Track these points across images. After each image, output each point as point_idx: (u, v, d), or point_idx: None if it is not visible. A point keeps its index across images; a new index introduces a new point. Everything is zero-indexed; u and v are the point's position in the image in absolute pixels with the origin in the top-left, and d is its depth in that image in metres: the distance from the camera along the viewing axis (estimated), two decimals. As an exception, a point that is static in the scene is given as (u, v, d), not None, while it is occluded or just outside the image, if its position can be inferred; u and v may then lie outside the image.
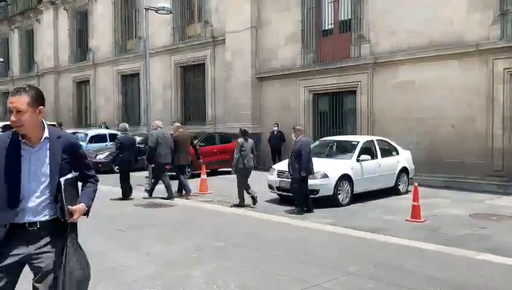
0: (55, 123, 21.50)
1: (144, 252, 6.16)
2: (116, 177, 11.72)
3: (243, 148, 10.06)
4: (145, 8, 13.71)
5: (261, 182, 11.06)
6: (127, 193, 10.93)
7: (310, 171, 9.39)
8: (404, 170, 11.97)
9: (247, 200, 10.11)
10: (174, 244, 6.59)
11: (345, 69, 15.48)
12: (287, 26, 17.25)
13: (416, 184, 8.84)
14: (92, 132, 20.26)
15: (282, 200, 10.62)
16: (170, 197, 10.80)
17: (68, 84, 29.11)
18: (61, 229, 2.72)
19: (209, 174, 13.01)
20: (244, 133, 10.29)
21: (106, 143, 18.92)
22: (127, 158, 10.90)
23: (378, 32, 14.72)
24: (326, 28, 16.75)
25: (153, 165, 11.48)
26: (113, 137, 19.49)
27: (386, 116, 14.54)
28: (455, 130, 13.03)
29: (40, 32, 31.22)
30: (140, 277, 5.15)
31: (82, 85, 28.64)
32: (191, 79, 21.90)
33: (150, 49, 14.87)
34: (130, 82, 25.32)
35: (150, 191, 11.33)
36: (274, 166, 11.34)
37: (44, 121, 2.76)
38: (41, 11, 30.68)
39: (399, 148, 12.26)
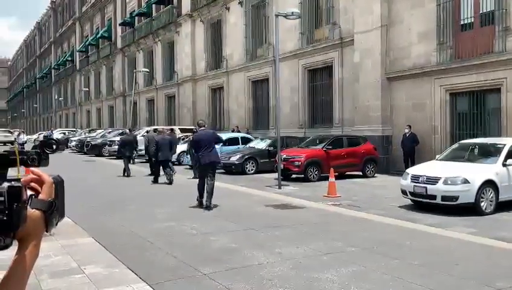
0: (193, 128, 23.33)
1: (276, 252, 6.32)
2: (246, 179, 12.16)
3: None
4: (276, 15, 14.12)
5: (394, 186, 10.61)
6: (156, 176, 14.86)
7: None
8: (562, 177, 10.53)
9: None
10: (305, 246, 6.64)
11: (488, 65, 14.19)
12: (421, 23, 16.39)
13: None
14: (226, 136, 21.37)
15: (416, 206, 10.08)
16: None
17: (204, 91, 31.12)
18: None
19: (337, 178, 12.88)
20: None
21: (238, 146, 19.76)
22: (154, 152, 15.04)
23: (528, 23, 13.24)
24: (465, 22, 15.55)
25: None
26: (245, 140, 20.33)
27: (538, 116, 13.00)
28: None
29: (179, 44, 33.93)
30: (274, 276, 5.29)
31: (216, 91, 30.41)
32: (318, 82, 21.94)
33: (279, 54, 15.24)
34: (259, 87, 26.21)
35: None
36: (408, 170, 10.79)
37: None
38: (180, 24, 33.33)
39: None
